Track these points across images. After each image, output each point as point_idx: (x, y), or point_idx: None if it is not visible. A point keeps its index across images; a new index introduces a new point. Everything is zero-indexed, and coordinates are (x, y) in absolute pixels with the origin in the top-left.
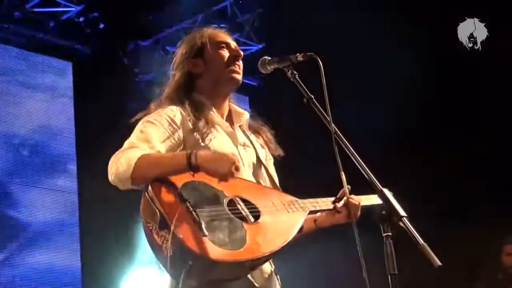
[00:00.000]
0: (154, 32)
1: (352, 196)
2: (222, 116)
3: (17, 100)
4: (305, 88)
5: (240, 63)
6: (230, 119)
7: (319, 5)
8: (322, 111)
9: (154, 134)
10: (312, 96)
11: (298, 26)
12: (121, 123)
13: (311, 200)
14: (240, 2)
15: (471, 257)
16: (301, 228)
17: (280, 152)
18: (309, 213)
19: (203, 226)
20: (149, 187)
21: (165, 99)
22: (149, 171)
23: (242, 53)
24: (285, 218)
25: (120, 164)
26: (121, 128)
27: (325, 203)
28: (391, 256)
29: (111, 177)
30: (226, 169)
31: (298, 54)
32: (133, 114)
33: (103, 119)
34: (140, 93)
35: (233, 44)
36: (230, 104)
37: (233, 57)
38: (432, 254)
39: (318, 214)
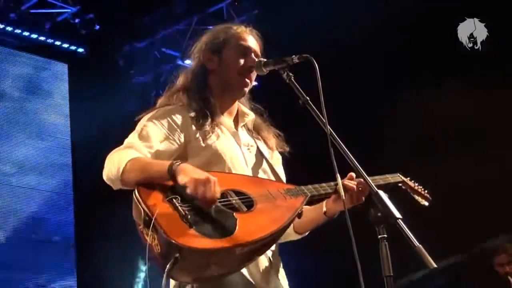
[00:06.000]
0: (149, 33)
1: (349, 180)
2: (229, 117)
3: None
4: (301, 90)
5: (254, 74)
6: (236, 119)
7: (316, 5)
8: (318, 113)
9: (154, 133)
10: (308, 98)
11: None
12: (117, 124)
13: (314, 185)
14: (236, 3)
15: None
16: (301, 214)
17: (285, 148)
18: (313, 198)
19: (188, 218)
20: (136, 188)
21: (176, 90)
22: (135, 175)
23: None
24: (281, 205)
25: (113, 165)
26: (116, 129)
27: (329, 186)
28: (387, 258)
29: (104, 176)
30: (194, 188)
31: (294, 56)
32: (128, 115)
33: (99, 121)
34: (135, 95)
35: (256, 51)
36: (239, 104)
37: (248, 68)
38: (428, 256)
39: (326, 206)
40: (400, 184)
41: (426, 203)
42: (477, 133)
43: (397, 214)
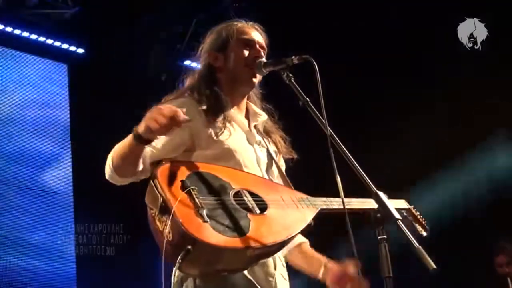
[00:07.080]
0: (149, 33)
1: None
2: (241, 114)
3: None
4: (301, 91)
5: None
6: (247, 118)
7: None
8: (318, 114)
9: None
10: (308, 99)
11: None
12: (117, 125)
13: (324, 198)
14: (236, 5)
15: None
16: (310, 224)
17: (293, 155)
18: (322, 211)
19: (204, 212)
20: (154, 173)
21: (185, 89)
22: (119, 162)
23: (263, 54)
24: (293, 213)
25: (107, 163)
26: (117, 130)
27: (338, 202)
28: (386, 259)
29: (106, 176)
30: (153, 117)
31: (293, 56)
32: (129, 115)
33: (99, 121)
34: (135, 95)
35: (260, 42)
36: (248, 102)
37: (253, 59)
38: (427, 257)
39: (323, 276)
40: (403, 211)
41: (425, 233)
42: None
43: (397, 215)
